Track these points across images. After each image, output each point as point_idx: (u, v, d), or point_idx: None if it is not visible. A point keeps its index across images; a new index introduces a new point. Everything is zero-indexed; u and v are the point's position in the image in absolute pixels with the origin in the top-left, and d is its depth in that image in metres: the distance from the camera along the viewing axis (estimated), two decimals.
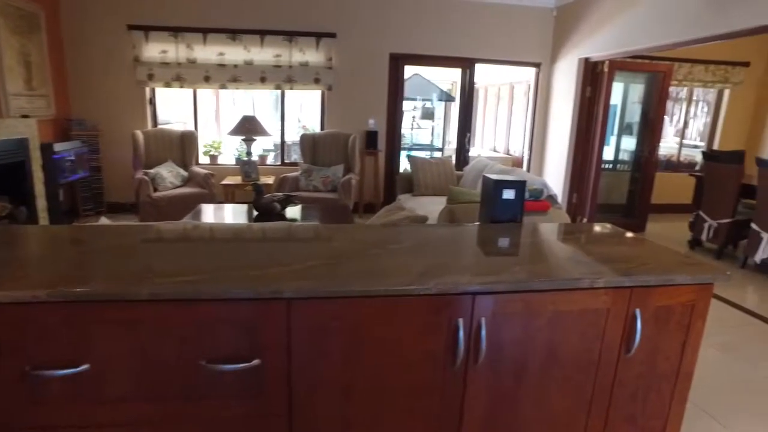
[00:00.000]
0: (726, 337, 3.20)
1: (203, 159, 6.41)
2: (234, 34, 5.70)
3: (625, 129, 6.46)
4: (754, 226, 4.57)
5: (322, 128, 6.28)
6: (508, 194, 2.01)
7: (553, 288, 1.37)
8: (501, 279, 1.35)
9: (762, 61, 6.98)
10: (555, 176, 6.22)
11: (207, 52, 5.72)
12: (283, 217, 4.09)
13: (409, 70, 6.69)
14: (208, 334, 1.25)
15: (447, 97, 7.31)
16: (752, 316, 3.57)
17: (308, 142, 5.88)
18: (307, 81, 5.99)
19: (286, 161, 6.65)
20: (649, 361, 1.54)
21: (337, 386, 1.34)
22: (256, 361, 1.28)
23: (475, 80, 6.23)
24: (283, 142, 6.52)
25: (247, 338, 1.27)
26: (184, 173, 5.53)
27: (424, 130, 8.18)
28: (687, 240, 5.44)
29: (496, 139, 8.70)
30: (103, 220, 2.46)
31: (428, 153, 7.74)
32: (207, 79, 5.80)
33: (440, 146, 7.68)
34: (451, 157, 5.64)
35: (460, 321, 1.33)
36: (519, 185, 2.01)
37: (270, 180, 5.70)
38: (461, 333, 1.33)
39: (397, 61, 6.13)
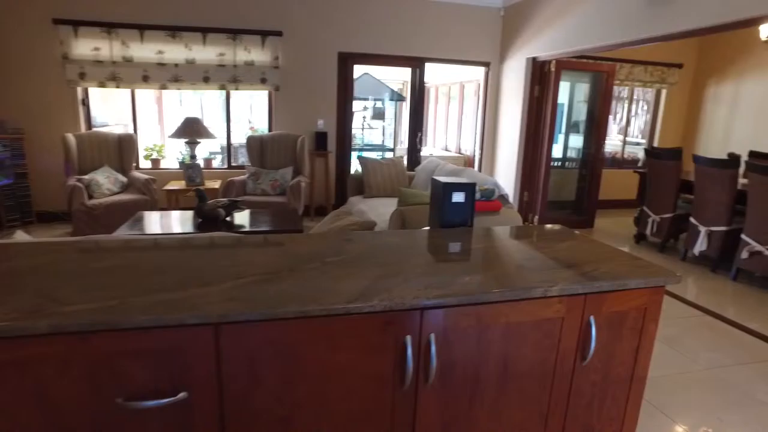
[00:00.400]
0: (671, 330, 3.27)
1: (144, 163, 6.06)
2: (174, 31, 5.41)
3: (572, 127, 6.60)
4: (692, 220, 4.74)
5: (270, 130, 6.07)
6: (458, 197, 1.94)
7: (506, 299, 1.29)
8: (451, 292, 1.26)
9: (693, 63, 7.31)
10: (506, 175, 6.27)
11: (145, 51, 5.40)
12: (228, 224, 3.89)
13: (358, 70, 6.58)
14: (123, 368, 1.09)
15: (398, 97, 7.25)
16: (694, 308, 3.68)
17: (255, 145, 5.67)
18: (254, 81, 5.77)
19: (233, 164, 6.39)
20: (604, 368, 1.49)
21: (275, 417, 1.21)
22: (182, 395, 1.13)
23: (426, 79, 6.24)
24: (229, 144, 6.26)
25: (170, 369, 1.12)
26: (123, 179, 5.19)
27: (376, 131, 8.11)
28: (633, 234, 5.60)
29: (448, 138, 8.74)
30: (19, 235, 2.21)
31: (380, 153, 7.66)
32: (146, 79, 5.48)
33: (392, 146, 7.62)
34: (402, 157, 5.57)
35: (408, 339, 1.23)
36: (469, 188, 1.94)
37: (216, 184, 5.45)
38: (409, 351, 1.24)
39: (346, 61, 6.00)
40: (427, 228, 2.07)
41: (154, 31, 5.36)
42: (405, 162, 5.78)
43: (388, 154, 7.62)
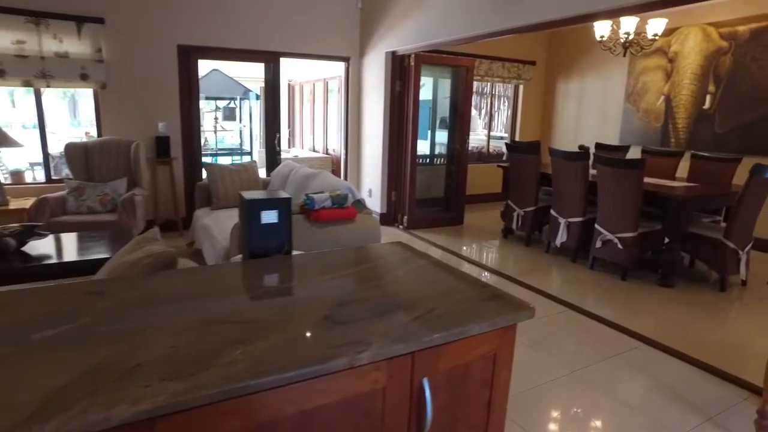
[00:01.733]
0: (536, 331, 3.16)
1: None
2: None
3: (440, 124, 6.52)
4: (552, 212, 4.82)
5: (100, 135, 5.13)
6: (269, 217, 1.49)
7: (292, 381, 0.87)
8: (202, 383, 0.80)
9: (544, 61, 7.68)
10: (373, 175, 5.99)
11: None
12: (24, 256, 3.05)
13: (205, 66, 5.86)
14: None
15: (255, 96, 6.63)
16: (557, 302, 3.65)
17: (78, 154, 4.71)
18: (71, 77, 4.80)
19: (54, 178, 5.32)
20: None
21: None
22: None
23: (291, 77, 5.74)
24: (46, 154, 5.18)
25: None
26: None
27: (231, 133, 7.38)
28: (501, 228, 5.62)
29: (315, 138, 8.29)
30: None
31: (238, 158, 6.98)
32: None
33: (248, 150, 6.97)
34: (255, 162, 5.00)
35: None
36: (283, 204, 1.50)
37: (29, 203, 4.42)
38: None
39: (188, 55, 5.27)
40: (239, 258, 1.60)
41: None
42: (260, 166, 5.22)
43: (247, 158, 6.95)
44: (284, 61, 5.85)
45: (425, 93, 6.48)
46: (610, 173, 4.10)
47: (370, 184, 6.09)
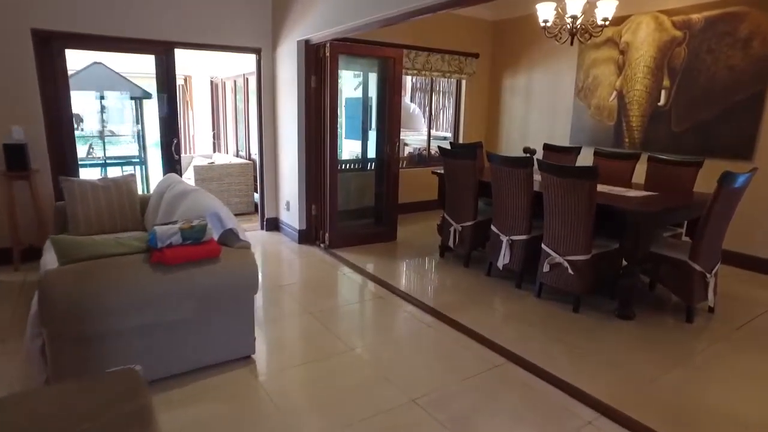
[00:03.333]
0: (462, 401, 2.39)
1: None
2: None
3: (370, 124, 5.72)
4: (493, 228, 4.10)
5: None
6: None
7: None
8: None
9: (488, 53, 7.00)
10: (291, 184, 5.13)
11: None
12: None
13: (79, 57, 4.84)
14: None
15: (143, 94, 5.60)
16: (495, 352, 2.90)
17: None
18: None
19: None
20: None
21: None
22: None
23: (213, 72, 4.78)
24: None
25: None
26: None
27: (124, 139, 6.33)
28: (438, 245, 4.87)
29: (239, 141, 7.35)
30: None
31: (132, 167, 5.96)
32: None
33: (141, 158, 5.94)
34: (133, 175, 4.06)
35: None
36: None
37: None
38: None
39: (49, 43, 4.26)
40: None
41: None
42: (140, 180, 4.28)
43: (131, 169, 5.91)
44: (185, 54, 4.92)
45: (350, 89, 5.68)
46: (557, 183, 3.40)
47: (288, 196, 5.23)
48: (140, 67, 5.64)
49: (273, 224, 5.61)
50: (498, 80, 6.99)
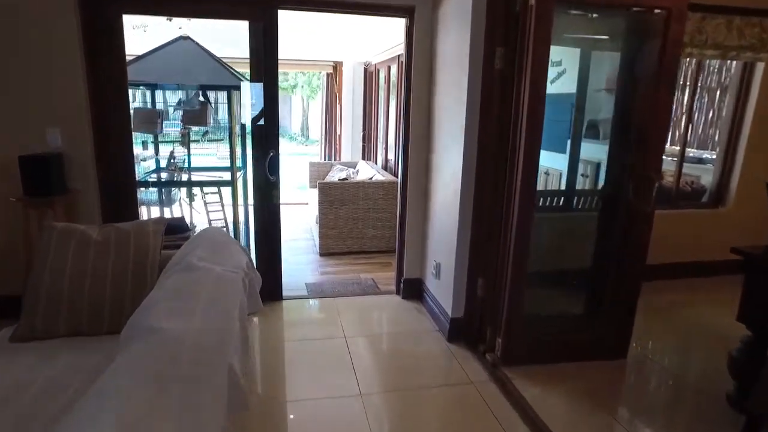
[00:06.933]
0: None
1: None
2: None
3: (588, 131, 3.31)
4: None
5: None
6: None
7: None
8: None
9: None
10: (446, 232, 3.02)
11: None
12: None
13: (146, 28, 3.40)
14: None
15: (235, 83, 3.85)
16: None
17: None
18: None
19: None
20: None
21: None
22: None
23: (365, 57, 2.94)
24: None
25: None
26: None
27: (219, 146, 4.83)
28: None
29: (387, 149, 5.51)
30: None
31: (216, 189, 4.40)
32: None
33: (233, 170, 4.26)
34: (163, 221, 2.41)
35: None
36: None
37: None
38: None
39: (101, 5, 2.84)
40: None
41: None
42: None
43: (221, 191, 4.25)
44: (332, 33, 3.15)
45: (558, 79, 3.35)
46: None
47: (439, 252, 3.14)
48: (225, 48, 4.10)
49: (415, 289, 3.56)
50: None
